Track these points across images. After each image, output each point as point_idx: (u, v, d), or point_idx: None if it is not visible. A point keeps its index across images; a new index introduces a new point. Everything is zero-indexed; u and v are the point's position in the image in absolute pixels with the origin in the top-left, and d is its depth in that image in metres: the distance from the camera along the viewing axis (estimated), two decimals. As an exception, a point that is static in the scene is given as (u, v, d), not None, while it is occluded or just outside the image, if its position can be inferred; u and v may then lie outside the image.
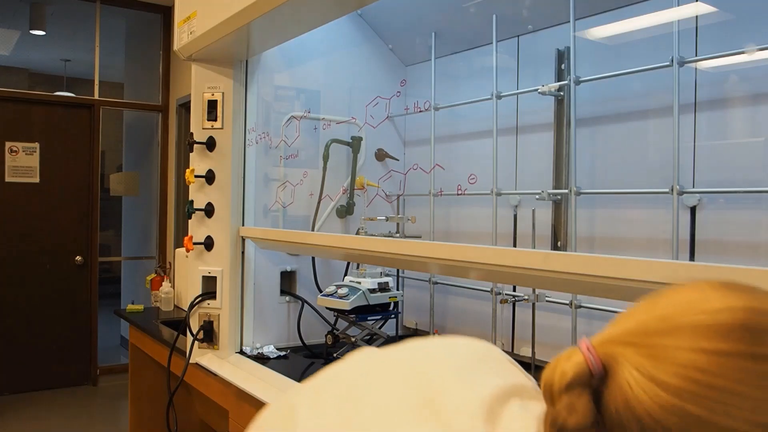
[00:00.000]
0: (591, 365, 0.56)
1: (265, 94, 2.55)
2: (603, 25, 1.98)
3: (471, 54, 2.49)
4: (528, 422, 0.60)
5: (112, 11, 5.46)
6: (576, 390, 0.55)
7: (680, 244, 1.70)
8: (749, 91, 1.66)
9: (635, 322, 0.57)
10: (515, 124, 2.27)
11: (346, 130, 2.65)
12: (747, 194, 1.63)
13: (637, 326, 0.56)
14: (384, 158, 2.75)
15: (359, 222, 2.51)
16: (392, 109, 2.67)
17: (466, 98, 2.38)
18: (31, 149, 5.03)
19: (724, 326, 0.53)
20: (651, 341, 0.55)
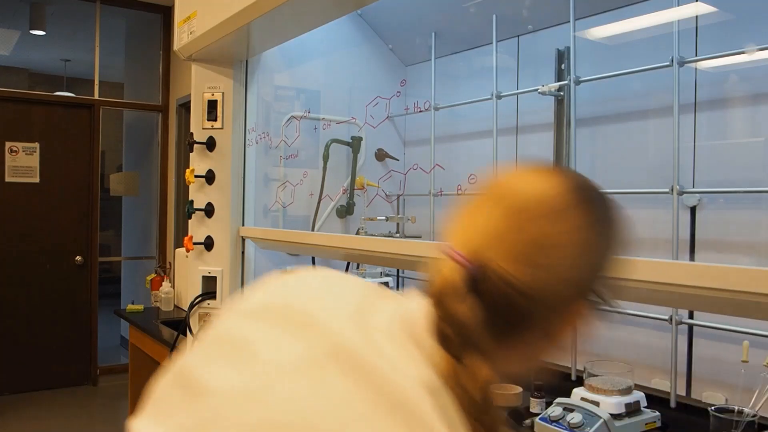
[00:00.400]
0: (470, 268, 0.64)
1: (265, 94, 2.55)
2: (603, 25, 1.98)
3: (471, 54, 2.48)
4: (394, 315, 0.67)
5: (112, 11, 5.46)
6: (459, 288, 0.64)
7: (680, 244, 1.70)
8: (749, 91, 1.66)
9: (485, 220, 0.67)
10: (515, 124, 2.27)
11: (346, 130, 2.65)
12: (747, 194, 1.63)
13: (487, 224, 0.67)
14: (384, 158, 2.75)
15: (359, 222, 2.51)
16: (392, 109, 2.67)
17: (466, 98, 2.38)
18: (31, 149, 5.03)
19: (561, 208, 0.66)
20: (507, 237, 0.65)
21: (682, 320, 1.73)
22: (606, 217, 0.73)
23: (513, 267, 0.64)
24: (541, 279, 0.65)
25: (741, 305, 0.97)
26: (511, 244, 0.65)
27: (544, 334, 0.69)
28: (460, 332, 0.63)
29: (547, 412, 1.50)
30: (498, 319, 0.64)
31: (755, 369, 1.42)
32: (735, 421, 1.33)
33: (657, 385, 1.79)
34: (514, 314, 0.65)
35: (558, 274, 0.66)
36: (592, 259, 0.69)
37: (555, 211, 0.66)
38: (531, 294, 0.64)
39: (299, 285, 0.75)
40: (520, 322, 0.66)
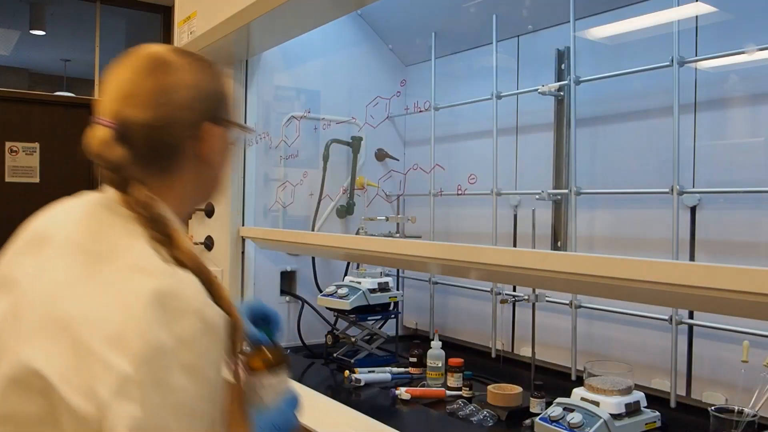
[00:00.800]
0: (112, 127, 0.85)
1: (265, 94, 2.55)
2: (603, 25, 1.98)
3: (471, 54, 2.49)
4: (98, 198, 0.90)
5: (112, 11, 5.46)
6: (110, 144, 0.85)
7: (680, 244, 1.70)
8: (749, 91, 1.66)
9: (112, 91, 0.88)
10: (515, 124, 2.27)
11: (346, 130, 2.65)
12: (747, 194, 1.63)
13: (114, 92, 0.88)
14: (384, 158, 2.75)
15: (359, 222, 2.51)
16: (392, 109, 2.67)
17: (466, 98, 2.38)
18: (31, 149, 5.03)
19: (169, 61, 0.89)
20: (136, 92, 0.87)
21: (682, 320, 1.73)
22: (204, 64, 0.96)
23: (143, 113, 0.85)
24: (166, 114, 0.86)
25: (741, 305, 0.97)
26: (139, 96, 0.86)
27: (193, 156, 0.91)
28: (118, 171, 0.85)
29: (547, 412, 1.50)
30: (146, 154, 0.87)
31: (755, 369, 1.42)
32: (735, 421, 1.33)
33: (657, 385, 1.80)
34: (156, 147, 0.87)
35: (178, 106, 0.87)
36: (202, 92, 0.91)
37: (165, 63, 0.89)
38: (162, 126, 0.86)
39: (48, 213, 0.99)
40: (165, 151, 0.88)
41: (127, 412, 0.69)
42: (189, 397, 0.74)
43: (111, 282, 0.77)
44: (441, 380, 1.99)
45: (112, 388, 0.70)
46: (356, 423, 1.65)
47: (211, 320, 0.78)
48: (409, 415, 1.79)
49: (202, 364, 0.76)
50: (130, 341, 0.71)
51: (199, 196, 0.97)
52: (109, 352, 0.71)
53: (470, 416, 1.70)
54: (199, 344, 0.76)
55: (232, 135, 0.98)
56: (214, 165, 0.95)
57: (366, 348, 2.27)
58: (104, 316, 0.74)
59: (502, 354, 2.29)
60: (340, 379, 2.08)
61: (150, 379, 0.71)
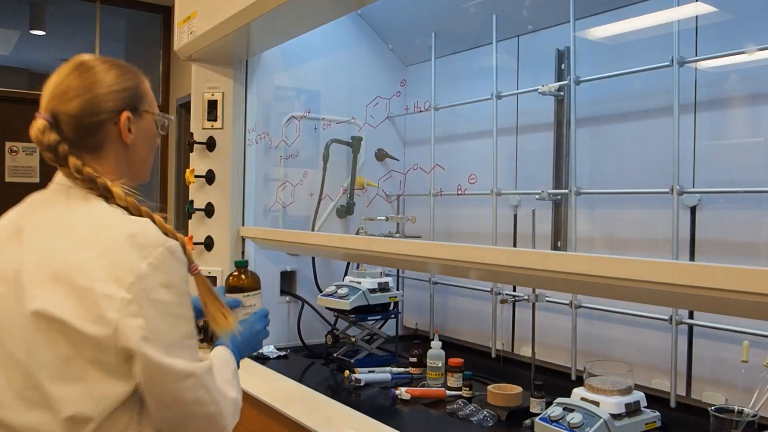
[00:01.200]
0: (46, 119, 1.08)
1: (265, 94, 2.55)
2: (603, 25, 1.98)
3: (471, 54, 2.49)
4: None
5: (112, 11, 5.46)
6: (46, 132, 1.07)
7: (680, 244, 1.70)
8: (749, 91, 1.66)
9: (46, 94, 1.10)
10: (515, 124, 2.27)
11: (346, 130, 2.66)
12: (747, 194, 1.63)
13: (48, 95, 1.10)
14: (384, 158, 2.75)
15: (359, 222, 2.51)
16: (392, 109, 2.67)
17: (466, 98, 2.38)
18: (31, 149, 5.03)
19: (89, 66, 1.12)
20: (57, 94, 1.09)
21: (682, 320, 1.73)
22: (123, 67, 1.17)
23: (71, 104, 1.08)
24: (88, 103, 1.09)
25: (741, 305, 0.97)
26: (67, 93, 1.09)
27: (117, 138, 1.13)
28: (55, 152, 1.08)
29: (547, 412, 1.50)
30: (75, 137, 1.09)
31: (755, 369, 1.42)
32: (735, 421, 1.33)
33: (657, 385, 1.80)
34: (83, 130, 1.10)
35: (98, 98, 1.10)
36: (119, 88, 1.13)
37: (88, 67, 1.12)
38: (86, 114, 1.09)
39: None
40: (90, 133, 1.11)
41: (135, 325, 0.96)
42: (171, 305, 1.02)
43: (89, 239, 1.02)
44: (441, 380, 1.99)
45: (118, 311, 0.96)
46: (356, 423, 1.65)
47: (172, 247, 1.04)
48: (409, 415, 1.79)
49: (175, 281, 1.04)
50: (122, 276, 0.98)
51: (130, 173, 1.18)
52: (108, 287, 0.97)
53: (470, 416, 1.70)
54: (169, 266, 1.03)
55: (151, 122, 1.20)
56: (137, 146, 1.17)
57: (366, 348, 2.28)
58: (95, 264, 0.99)
59: (502, 354, 2.29)
60: (340, 379, 2.08)
61: (143, 299, 0.98)
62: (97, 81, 1.11)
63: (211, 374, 1.10)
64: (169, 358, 1.00)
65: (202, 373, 1.07)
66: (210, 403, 1.09)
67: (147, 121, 1.18)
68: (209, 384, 1.08)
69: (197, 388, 1.06)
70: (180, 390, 1.04)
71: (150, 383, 1.00)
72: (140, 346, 0.97)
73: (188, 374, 1.04)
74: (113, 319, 0.96)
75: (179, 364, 1.02)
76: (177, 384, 1.03)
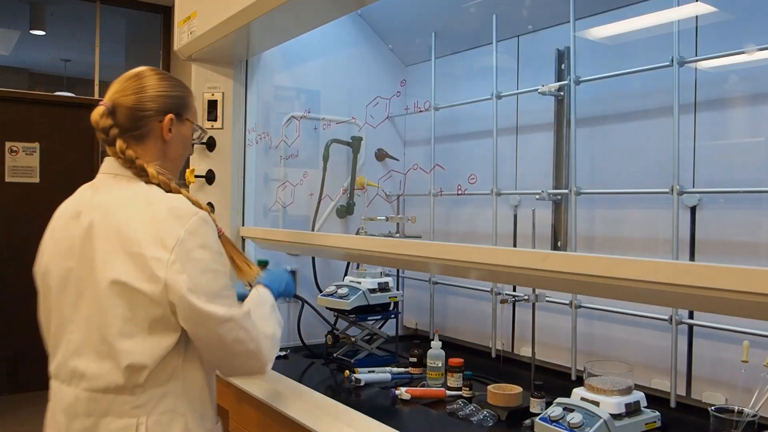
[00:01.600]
0: (106, 106, 1.32)
1: (265, 94, 2.55)
2: (603, 25, 1.98)
3: (471, 54, 2.49)
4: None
5: (112, 11, 5.46)
6: (103, 116, 1.31)
7: (680, 244, 1.70)
8: (749, 91, 1.66)
9: (111, 91, 1.35)
10: (515, 124, 2.27)
11: (346, 130, 2.65)
12: (747, 194, 1.63)
13: (112, 91, 1.35)
14: (384, 158, 2.75)
15: (359, 222, 2.51)
16: (392, 109, 2.67)
17: (466, 98, 2.38)
18: (31, 149, 5.03)
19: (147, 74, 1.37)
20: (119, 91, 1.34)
21: (682, 320, 1.73)
22: (173, 80, 1.41)
23: (126, 99, 1.33)
24: (139, 102, 1.33)
25: (741, 305, 0.97)
26: (125, 90, 1.34)
27: (157, 135, 1.36)
28: (107, 133, 1.32)
29: (547, 412, 1.50)
30: (125, 125, 1.33)
31: (755, 369, 1.42)
32: (735, 421, 1.33)
33: (657, 385, 1.80)
34: (132, 121, 1.33)
35: (148, 98, 1.34)
36: (166, 95, 1.36)
37: (144, 75, 1.36)
38: (136, 108, 1.33)
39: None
40: (137, 125, 1.33)
41: (181, 280, 1.21)
42: (208, 261, 1.26)
43: (138, 214, 1.25)
44: (441, 380, 1.99)
45: (166, 270, 1.20)
46: (356, 423, 1.65)
47: (203, 216, 1.28)
48: (409, 415, 1.79)
49: (208, 242, 1.27)
50: (166, 241, 1.22)
51: (164, 165, 1.37)
52: (156, 251, 1.21)
53: (470, 416, 1.70)
54: (203, 231, 1.26)
55: (189, 129, 1.43)
56: (173, 145, 1.39)
57: (366, 348, 2.28)
58: (144, 234, 1.22)
59: (502, 354, 2.29)
60: (340, 379, 2.08)
61: (184, 258, 1.22)
62: (151, 85, 1.35)
63: (248, 317, 1.31)
64: (211, 305, 1.23)
65: (239, 317, 1.29)
66: (249, 342, 1.31)
67: (186, 128, 1.41)
68: (247, 325, 1.31)
69: (237, 330, 1.28)
70: (221, 332, 1.26)
71: (196, 328, 1.25)
72: (186, 296, 1.20)
73: (227, 318, 1.26)
74: (162, 276, 1.20)
75: (219, 311, 1.24)
76: (218, 327, 1.25)
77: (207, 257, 1.25)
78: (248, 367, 1.37)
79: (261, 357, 1.35)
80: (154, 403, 1.25)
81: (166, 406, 1.26)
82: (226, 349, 1.29)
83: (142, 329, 1.22)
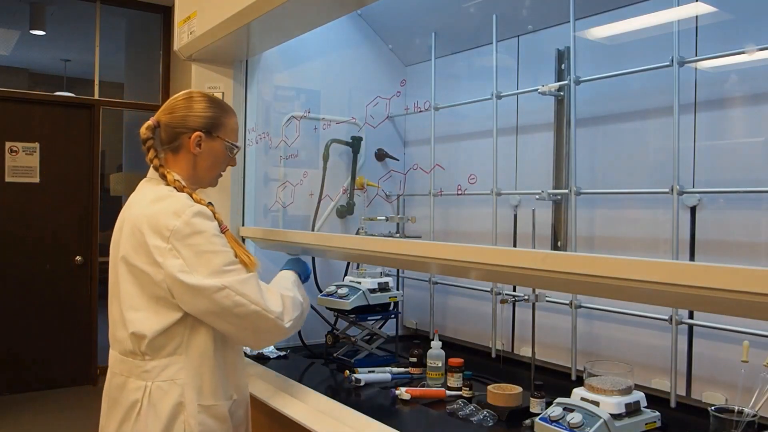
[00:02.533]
0: (152, 122, 1.58)
1: (265, 94, 2.55)
2: (603, 25, 1.98)
3: (471, 54, 2.49)
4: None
5: (112, 11, 5.46)
6: (147, 130, 1.58)
7: (680, 244, 1.70)
8: (749, 91, 1.66)
9: (163, 108, 1.60)
10: (515, 124, 2.27)
11: (346, 130, 2.66)
12: (747, 194, 1.63)
13: (163, 108, 1.60)
14: (384, 158, 2.75)
15: (359, 222, 2.51)
16: (392, 109, 2.67)
17: (466, 98, 2.38)
18: (31, 149, 5.03)
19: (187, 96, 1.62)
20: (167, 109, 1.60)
21: (682, 320, 1.73)
22: (213, 100, 1.63)
23: (167, 117, 1.58)
24: (177, 120, 1.57)
25: (741, 305, 0.97)
26: (167, 110, 1.59)
27: (186, 150, 1.57)
28: (145, 144, 1.57)
29: (547, 412, 1.50)
30: (163, 138, 1.58)
31: (755, 369, 1.42)
32: (735, 421, 1.33)
33: (657, 385, 1.80)
34: (167, 136, 1.57)
35: (183, 117, 1.57)
36: (201, 115, 1.58)
37: (189, 97, 1.61)
38: (172, 126, 1.57)
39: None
40: (172, 139, 1.57)
41: (176, 264, 1.42)
42: (203, 244, 1.44)
43: (147, 209, 1.48)
44: (441, 380, 1.99)
45: (162, 256, 1.42)
46: (356, 423, 1.65)
47: (197, 208, 1.47)
48: (409, 415, 1.79)
49: (201, 228, 1.45)
50: (162, 232, 1.43)
51: (195, 175, 1.60)
52: (155, 240, 1.43)
53: (470, 416, 1.70)
54: (195, 220, 1.45)
55: (221, 145, 1.61)
56: (201, 158, 1.59)
57: (366, 348, 2.28)
58: (148, 225, 1.45)
59: (502, 354, 2.29)
60: (340, 379, 2.08)
61: (178, 245, 1.42)
62: (190, 107, 1.58)
63: (246, 284, 1.46)
64: (205, 280, 1.42)
65: (232, 283, 1.44)
66: (249, 303, 1.46)
67: (217, 144, 1.60)
68: (244, 290, 1.45)
69: (233, 296, 1.44)
70: (219, 299, 1.43)
71: (194, 303, 1.44)
72: (178, 276, 1.41)
73: (220, 287, 1.43)
74: (161, 261, 1.42)
75: (211, 282, 1.42)
76: (214, 296, 1.43)
77: (201, 241, 1.44)
78: (262, 328, 1.51)
79: (269, 315, 1.49)
80: (158, 371, 1.47)
81: (167, 375, 1.47)
82: (231, 313, 1.45)
83: (147, 304, 1.46)
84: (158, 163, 1.55)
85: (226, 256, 1.46)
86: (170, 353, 1.47)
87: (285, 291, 1.62)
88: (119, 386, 1.52)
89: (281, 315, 1.52)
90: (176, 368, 1.47)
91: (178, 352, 1.48)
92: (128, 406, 1.49)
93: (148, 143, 1.56)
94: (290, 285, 1.71)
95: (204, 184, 1.64)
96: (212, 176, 1.65)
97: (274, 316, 1.50)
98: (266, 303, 1.49)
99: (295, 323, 1.59)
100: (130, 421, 1.48)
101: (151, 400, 1.46)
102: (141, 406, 1.47)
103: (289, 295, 1.61)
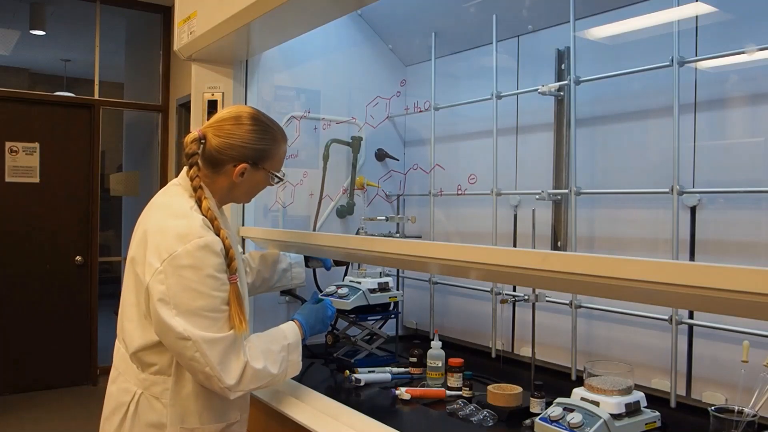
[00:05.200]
0: (199, 134, 1.51)
1: (265, 94, 2.55)
2: (603, 25, 1.98)
3: (471, 54, 2.49)
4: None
5: (112, 11, 5.46)
6: (194, 142, 1.51)
7: (680, 244, 1.70)
8: (749, 91, 1.66)
9: (211, 121, 1.56)
10: (515, 124, 2.27)
11: (346, 130, 2.65)
12: (747, 194, 1.63)
13: (211, 122, 1.55)
14: (384, 158, 2.75)
15: (359, 222, 2.51)
16: (392, 109, 2.67)
17: (466, 98, 2.38)
18: (31, 149, 5.03)
19: (236, 116, 1.54)
20: (215, 126, 1.53)
21: (682, 320, 1.73)
22: (264, 127, 1.55)
23: (215, 138, 1.51)
24: (224, 145, 1.51)
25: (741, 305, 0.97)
26: (216, 128, 1.52)
27: (228, 175, 1.53)
28: (189, 157, 1.51)
29: (547, 412, 1.50)
30: (206, 157, 1.53)
31: (755, 369, 1.42)
32: (735, 421, 1.33)
33: (657, 385, 1.80)
34: (212, 156, 1.52)
35: (231, 146, 1.51)
36: (249, 145, 1.52)
37: (241, 118, 1.53)
38: (219, 150, 1.51)
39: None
40: (216, 162, 1.52)
41: (158, 289, 1.37)
42: (194, 281, 1.37)
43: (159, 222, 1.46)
44: (441, 380, 1.99)
45: (151, 276, 1.39)
46: (356, 423, 1.65)
47: (207, 240, 1.40)
48: (409, 415, 1.79)
49: (200, 264, 1.38)
50: (161, 253, 1.39)
51: (229, 196, 1.59)
52: (152, 259, 1.40)
53: (470, 416, 1.70)
54: (198, 253, 1.38)
55: (264, 175, 1.57)
56: (241, 186, 1.56)
57: (366, 348, 2.27)
58: (152, 239, 1.43)
59: (502, 354, 2.29)
60: (340, 379, 2.08)
61: (170, 271, 1.37)
62: (240, 135, 1.50)
63: (212, 345, 1.38)
64: (176, 319, 1.36)
65: (199, 340, 1.36)
66: (204, 366, 1.38)
67: (261, 174, 1.56)
68: (205, 350, 1.37)
69: (193, 350, 1.37)
70: (179, 347, 1.38)
71: (160, 335, 1.41)
72: (156, 304, 1.37)
73: (186, 337, 1.36)
74: (147, 281, 1.39)
75: (181, 327, 1.36)
76: (177, 342, 1.37)
77: (193, 277, 1.37)
78: (210, 386, 1.43)
79: (218, 382, 1.40)
80: (147, 384, 1.48)
81: (154, 392, 1.48)
82: (185, 363, 1.41)
83: (137, 316, 1.45)
84: (198, 184, 1.50)
85: (211, 302, 1.39)
86: (159, 371, 1.47)
87: (263, 355, 1.51)
88: (113, 379, 1.56)
89: (232, 386, 1.42)
90: (161, 388, 1.47)
91: (167, 372, 1.46)
92: (115, 405, 1.52)
93: (194, 158, 1.50)
94: (277, 348, 1.56)
95: (237, 202, 1.66)
96: (247, 199, 1.66)
97: (223, 385, 1.41)
98: (222, 371, 1.39)
99: (246, 393, 1.54)
100: (113, 422, 1.52)
101: (137, 410, 1.48)
102: (127, 411, 1.48)
103: (258, 366, 1.47)
